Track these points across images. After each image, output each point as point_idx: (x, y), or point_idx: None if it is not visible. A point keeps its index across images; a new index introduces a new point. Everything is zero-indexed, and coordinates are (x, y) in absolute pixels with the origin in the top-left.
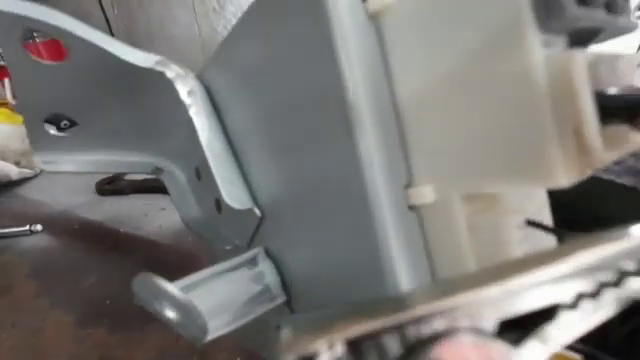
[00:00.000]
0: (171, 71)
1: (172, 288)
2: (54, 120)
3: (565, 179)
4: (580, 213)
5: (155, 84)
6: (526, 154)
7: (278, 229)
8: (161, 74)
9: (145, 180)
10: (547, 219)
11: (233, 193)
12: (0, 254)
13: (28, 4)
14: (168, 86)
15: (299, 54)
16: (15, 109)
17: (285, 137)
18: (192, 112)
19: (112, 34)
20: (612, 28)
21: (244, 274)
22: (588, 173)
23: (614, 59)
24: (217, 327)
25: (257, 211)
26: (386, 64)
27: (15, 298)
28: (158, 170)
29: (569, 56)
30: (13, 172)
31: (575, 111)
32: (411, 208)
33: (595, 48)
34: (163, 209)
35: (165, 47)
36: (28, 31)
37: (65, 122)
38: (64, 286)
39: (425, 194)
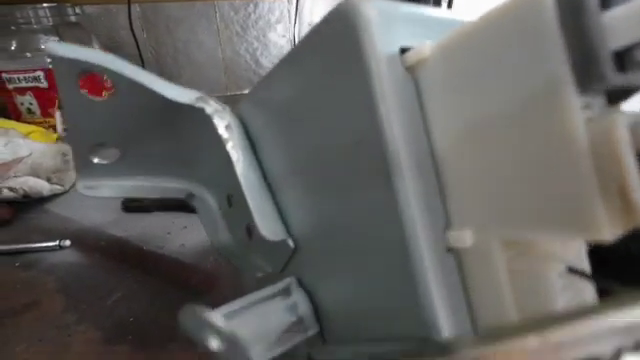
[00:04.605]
0: (210, 107)
1: (218, 320)
2: (99, 149)
3: (609, 234)
4: (614, 252)
5: (195, 119)
6: (568, 209)
7: (312, 262)
8: (201, 110)
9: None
10: (584, 264)
11: (267, 224)
12: (30, 268)
13: (83, 49)
14: (207, 121)
15: (338, 101)
16: (65, 140)
17: (319, 177)
18: (229, 146)
19: (141, 57)
20: None
21: (278, 304)
22: (632, 227)
23: None
24: (255, 357)
25: (291, 243)
26: (423, 113)
27: (43, 313)
28: (191, 195)
29: (611, 120)
30: (45, 189)
31: (619, 174)
32: (449, 250)
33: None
34: (185, 227)
35: (190, 69)
36: (83, 72)
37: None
38: (90, 302)
39: (463, 238)
